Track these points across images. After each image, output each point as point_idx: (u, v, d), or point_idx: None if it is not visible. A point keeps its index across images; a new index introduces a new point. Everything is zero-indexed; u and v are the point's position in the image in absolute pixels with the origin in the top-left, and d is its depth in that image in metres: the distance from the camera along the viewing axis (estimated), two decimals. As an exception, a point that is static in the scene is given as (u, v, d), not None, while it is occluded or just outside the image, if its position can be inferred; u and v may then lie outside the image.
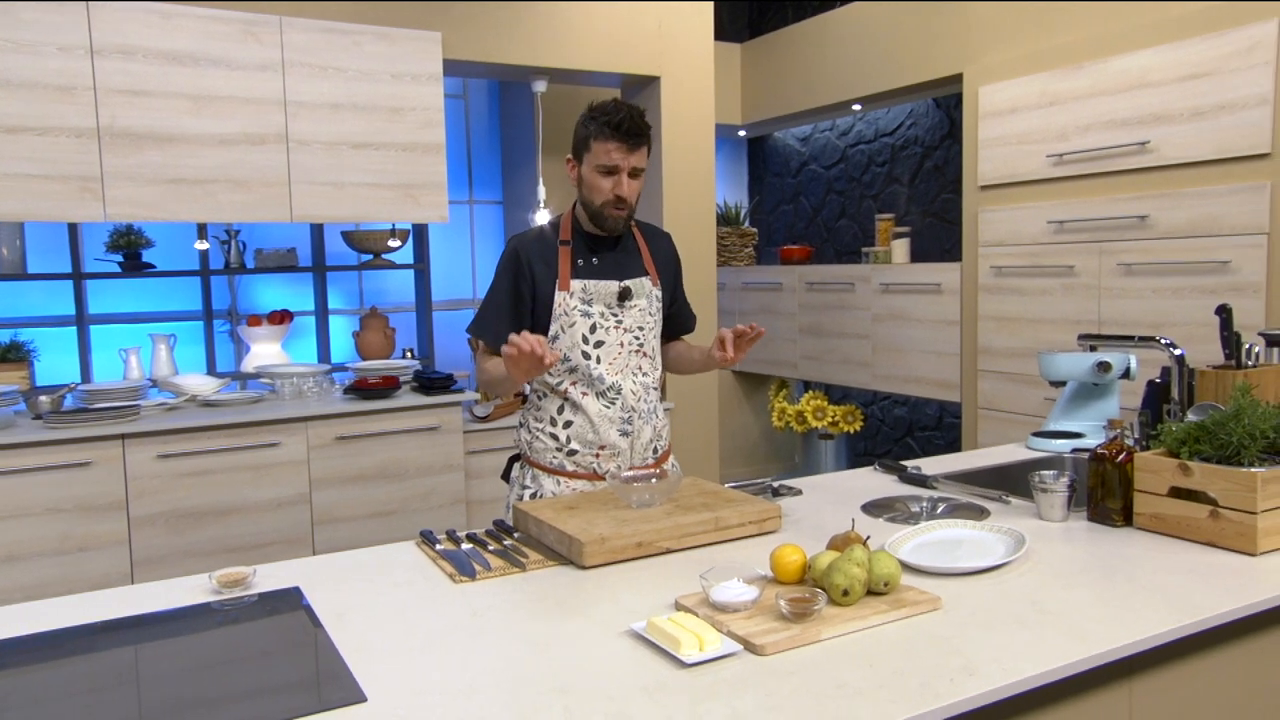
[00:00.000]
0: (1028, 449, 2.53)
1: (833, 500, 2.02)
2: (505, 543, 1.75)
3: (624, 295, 2.03)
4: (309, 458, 3.40)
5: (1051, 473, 1.87)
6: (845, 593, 1.34)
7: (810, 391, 5.23)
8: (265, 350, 4.33)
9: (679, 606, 1.39)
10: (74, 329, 4.20)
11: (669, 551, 1.68)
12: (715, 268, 4.50)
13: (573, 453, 2.01)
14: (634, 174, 1.97)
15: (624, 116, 1.91)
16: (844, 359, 4.72)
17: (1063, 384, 2.56)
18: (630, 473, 1.90)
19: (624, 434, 2.02)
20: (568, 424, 2.02)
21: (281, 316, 4.36)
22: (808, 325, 4.96)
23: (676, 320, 2.25)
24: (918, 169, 4.98)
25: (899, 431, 5.28)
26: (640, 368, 2.06)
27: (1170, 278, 3.23)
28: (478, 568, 1.62)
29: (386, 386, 3.66)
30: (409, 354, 4.62)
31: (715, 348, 1.98)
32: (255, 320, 4.31)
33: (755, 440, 5.83)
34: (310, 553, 3.42)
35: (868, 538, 1.52)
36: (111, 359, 4.31)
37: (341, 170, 3.50)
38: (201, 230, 4.31)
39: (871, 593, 1.39)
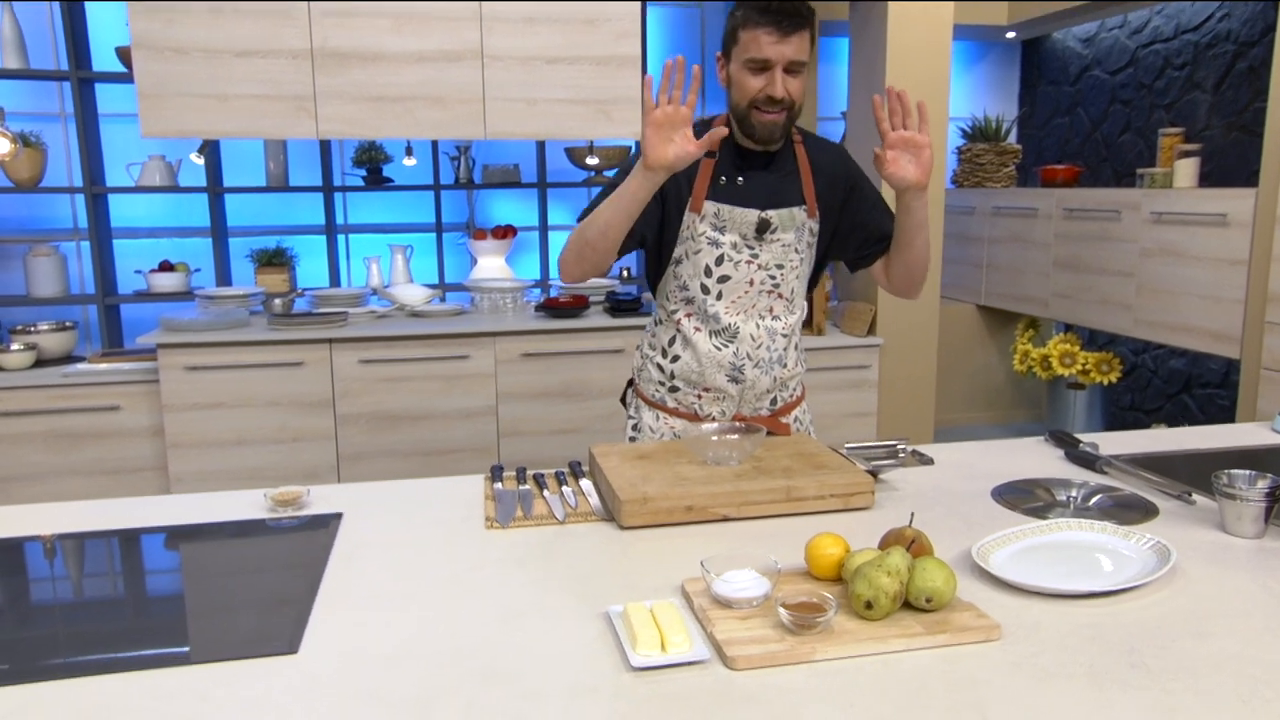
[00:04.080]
0: (1273, 431, 2.01)
1: (965, 476, 1.71)
2: (566, 488, 1.64)
3: (763, 228, 1.77)
4: (496, 371, 3.49)
5: (1248, 473, 1.44)
6: (869, 605, 1.10)
7: (1061, 335, 4.59)
8: (490, 264, 4.49)
9: (683, 593, 1.22)
10: (323, 237, 4.60)
11: (726, 520, 1.49)
12: (944, 194, 4.00)
13: (675, 389, 1.86)
14: (791, 69, 1.66)
15: None
16: (1102, 299, 4.07)
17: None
18: (712, 425, 1.71)
19: (733, 380, 1.83)
20: (675, 358, 1.86)
21: (505, 231, 4.48)
22: (1064, 258, 4.31)
23: (871, 230, 1.86)
24: (1226, 72, 4.09)
25: (1173, 387, 4.51)
26: (770, 309, 1.83)
27: None
28: (518, 514, 1.53)
29: (576, 306, 3.65)
30: (625, 273, 4.60)
31: (881, 161, 1.63)
32: (480, 234, 4.46)
33: (999, 384, 5.27)
34: (496, 460, 3.54)
35: (911, 543, 1.24)
36: (359, 266, 4.69)
37: (535, 86, 3.46)
38: (408, 149, 4.53)
39: (912, 607, 1.13)
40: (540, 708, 0.96)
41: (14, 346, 3.44)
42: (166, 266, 4.24)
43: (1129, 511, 1.52)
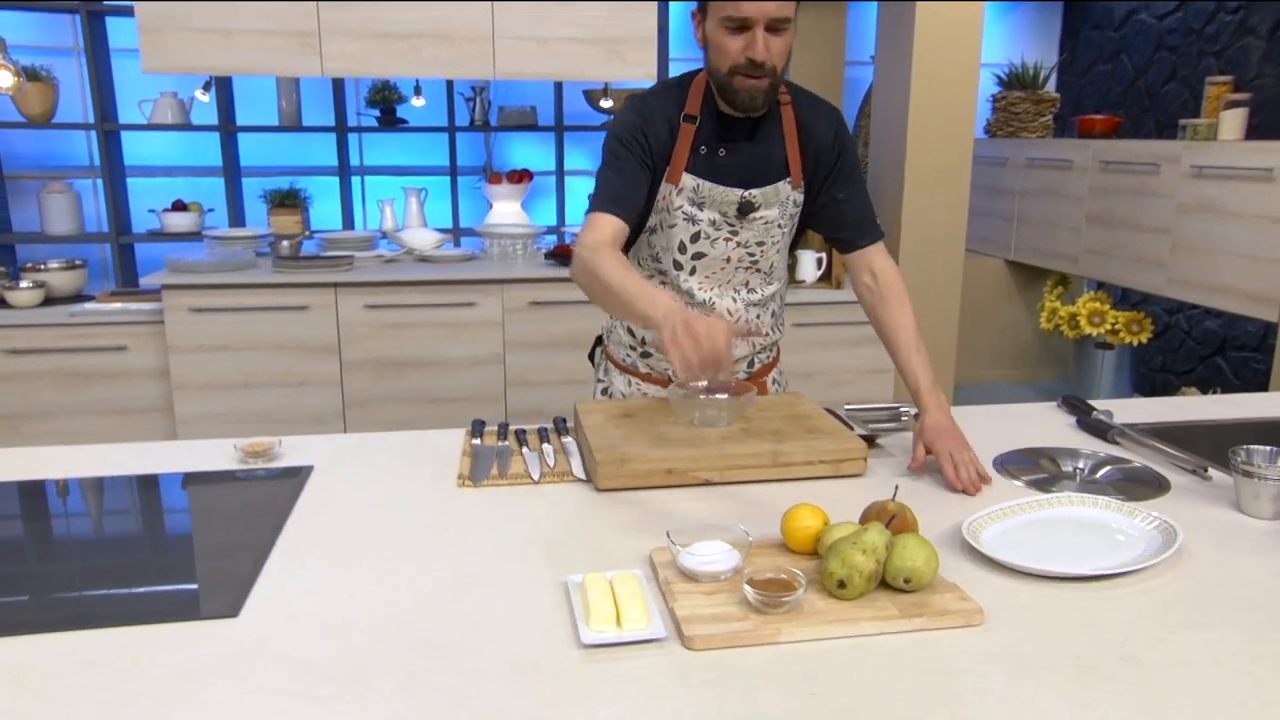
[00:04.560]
0: (1303, 402, 1.90)
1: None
2: (547, 445, 1.58)
3: (746, 209, 1.61)
4: (504, 320, 3.43)
5: (1268, 449, 1.34)
6: (842, 585, 1.03)
7: (1091, 293, 4.43)
8: (505, 209, 4.40)
9: (650, 563, 1.15)
10: (337, 179, 4.53)
11: (709, 484, 1.42)
12: (974, 144, 3.83)
13: (647, 354, 1.76)
14: (774, 28, 1.44)
15: None
16: (1135, 256, 3.90)
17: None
18: (700, 383, 1.63)
19: None
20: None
21: (520, 175, 4.38)
22: (1097, 213, 4.14)
23: (837, 221, 1.68)
24: (1280, 17, 3.85)
25: (1207, 349, 4.36)
26: (747, 284, 1.69)
27: None
28: (494, 472, 1.47)
29: (587, 254, 3.56)
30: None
31: (945, 470, 1.44)
32: (495, 178, 4.37)
33: (1026, 342, 5.12)
34: (503, 412, 3.50)
35: (892, 519, 1.16)
36: (374, 209, 4.62)
37: (545, 24, 3.34)
38: (417, 88, 4.42)
39: (890, 587, 1.06)
40: (479, 684, 0.90)
41: (23, 284, 3.42)
42: (180, 206, 4.20)
43: (1138, 486, 1.43)
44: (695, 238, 1.63)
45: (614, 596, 1.03)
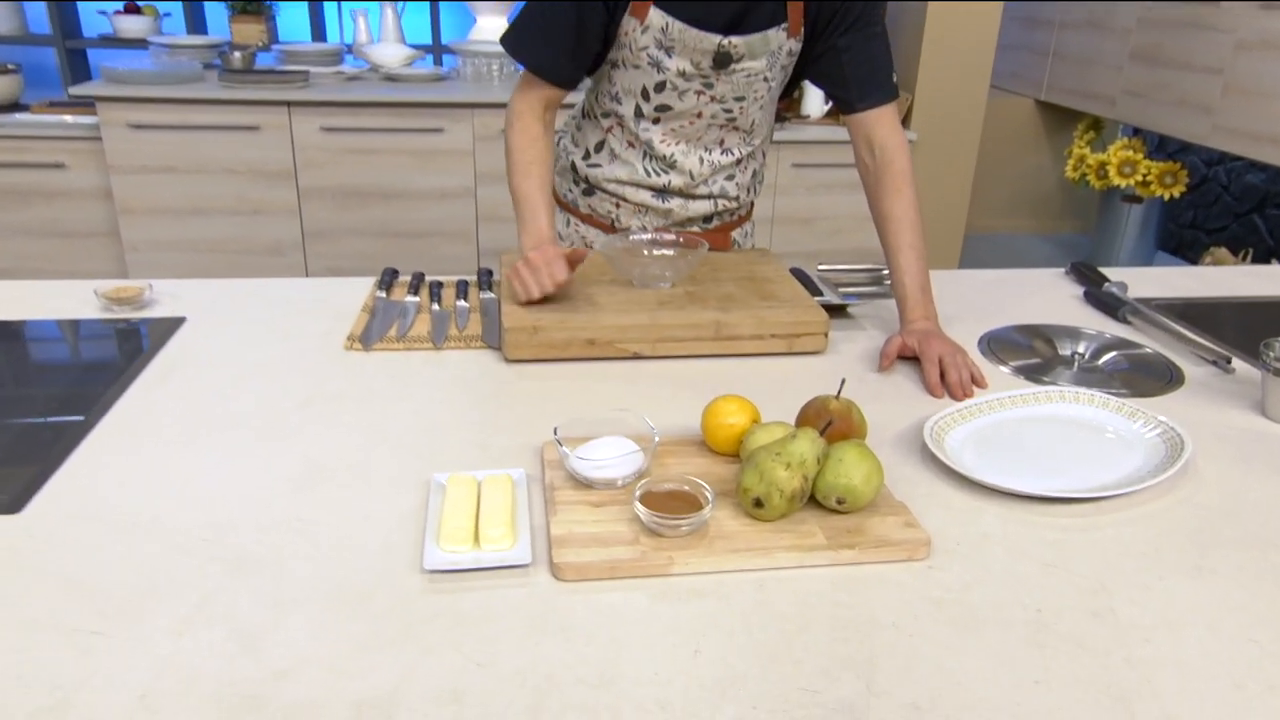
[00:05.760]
0: (1352, 279, 1.65)
1: (954, 316, 1.39)
2: (462, 302, 1.36)
3: (723, 61, 1.30)
4: (474, 149, 3.13)
5: (1308, 345, 1.11)
6: (758, 504, 0.83)
7: (1125, 139, 4.06)
8: (489, 24, 3.98)
9: (541, 460, 0.96)
10: (304, -16, 4.10)
11: (638, 358, 1.21)
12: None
13: (590, 193, 1.50)
14: None
15: None
16: (1180, 100, 3.52)
17: None
18: (643, 235, 1.39)
19: (661, 198, 1.46)
20: (597, 165, 1.46)
21: (506, -17, 3.94)
22: (1143, 49, 3.71)
23: (834, 76, 1.35)
24: None
25: (1245, 204, 4.02)
26: (721, 143, 1.40)
27: None
28: (390, 333, 1.26)
29: (568, 77, 3.21)
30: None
31: (928, 375, 1.17)
32: (478, -15, 3.93)
33: (1047, 191, 4.78)
34: (474, 248, 3.27)
35: (828, 425, 0.95)
36: (348, 20, 4.21)
37: None
38: None
39: (823, 507, 0.86)
40: (281, 619, 0.73)
41: (-49, 91, 3.13)
42: (133, 9, 3.83)
43: (1145, 378, 1.21)
44: (660, 87, 1.34)
45: (477, 506, 0.84)
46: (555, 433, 0.91)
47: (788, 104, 3.42)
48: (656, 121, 1.37)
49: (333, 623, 0.72)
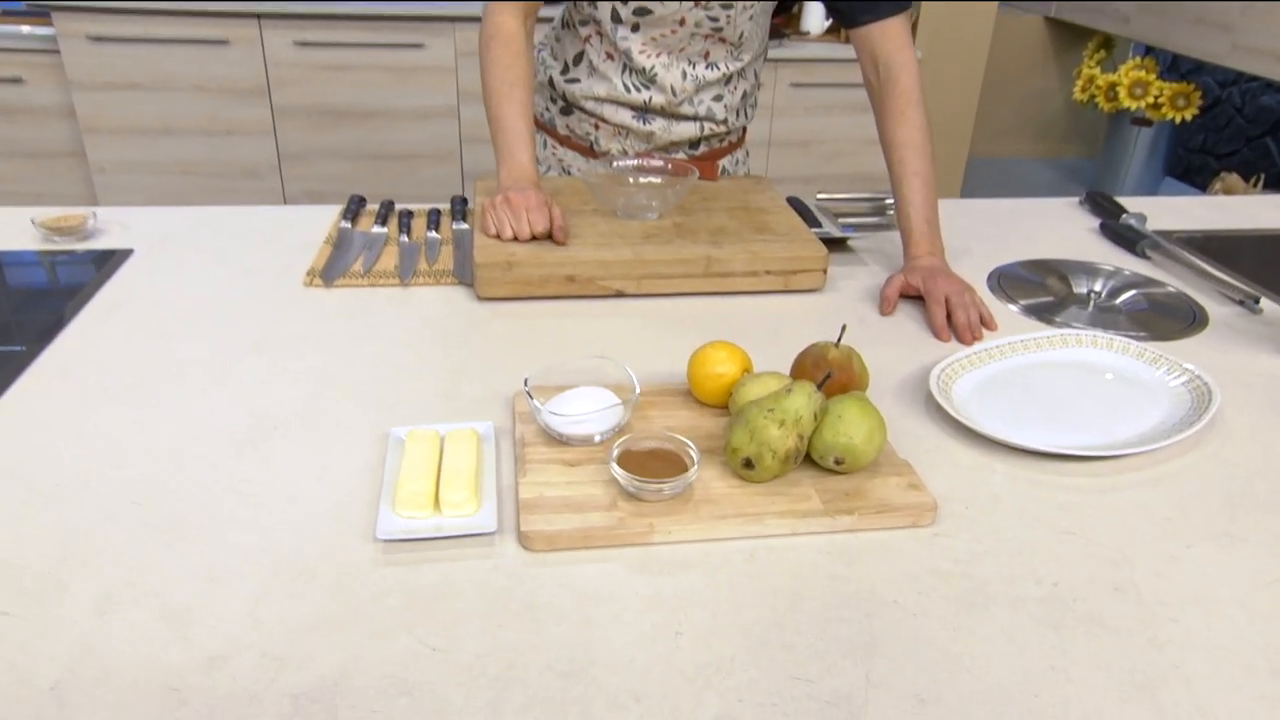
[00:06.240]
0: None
1: (962, 250, 1.30)
2: (434, 234, 1.26)
3: None
4: (457, 65, 2.98)
5: (1349, 286, 1.03)
6: (748, 464, 0.75)
7: (1137, 59, 3.89)
8: (473, -70, 3.76)
9: (514, 411, 0.88)
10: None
11: (621, 296, 1.12)
12: None
13: (568, 111, 1.38)
14: None
15: None
16: (1198, 17, 3.35)
17: None
18: (629, 161, 1.28)
19: (642, 119, 1.34)
20: (575, 80, 1.34)
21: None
22: (1161, -39, 3.53)
23: None
24: None
25: (1258, 127, 3.89)
26: (706, 55, 1.28)
27: None
28: (355, 266, 1.17)
29: (555, -12, 3.04)
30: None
31: (933, 316, 1.09)
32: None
33: (1054, 113, 4.62)
34: (458, 170, 3.14)
35: (827, 377, 0.87)
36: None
37: None
38: None
39: (820, 466, 0.79)
40: (216, 596, 0.65)
41: (-100, 0, 2.95)
42: (93, -88, 3.60)
43: (1167, 320, 1.13)
44: None
45: (438, 465, 0.76)
46: (526, 384, 0.82)
47: (786, 19, 3.25)
48: (636, 29, 1.25)
49: (273, 600, 0.65)
